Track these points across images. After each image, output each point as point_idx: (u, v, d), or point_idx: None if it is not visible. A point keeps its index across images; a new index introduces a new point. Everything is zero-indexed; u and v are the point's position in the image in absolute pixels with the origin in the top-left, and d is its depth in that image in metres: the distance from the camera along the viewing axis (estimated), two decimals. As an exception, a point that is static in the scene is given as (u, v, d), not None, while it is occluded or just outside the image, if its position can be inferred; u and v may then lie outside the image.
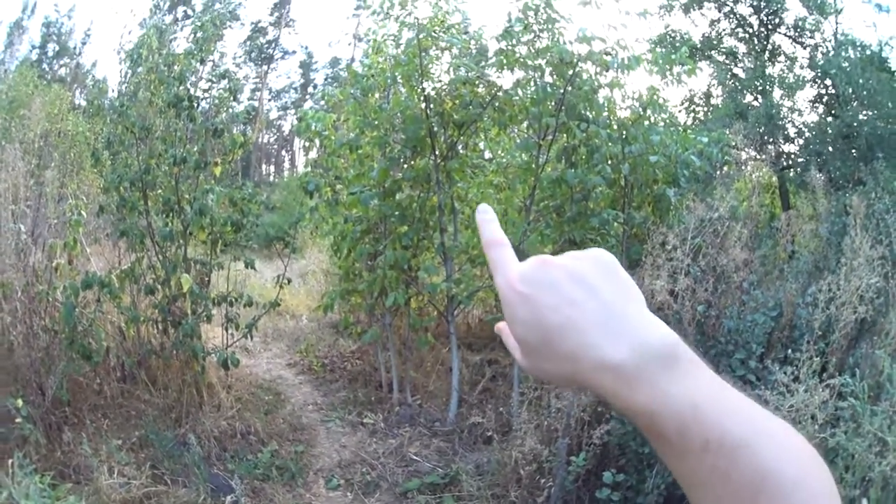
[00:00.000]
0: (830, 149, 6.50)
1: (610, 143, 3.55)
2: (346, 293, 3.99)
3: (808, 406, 2.19)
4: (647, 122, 3.71)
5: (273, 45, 25.89)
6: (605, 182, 3.48)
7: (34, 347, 3.47)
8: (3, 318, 3.72)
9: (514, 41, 3.44)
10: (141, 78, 4.27)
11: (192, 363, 3.66)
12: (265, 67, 25.63)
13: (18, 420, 2.85)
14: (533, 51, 3.47)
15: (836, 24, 7.43)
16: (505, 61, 3.46)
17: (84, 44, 23.02)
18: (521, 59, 3.47)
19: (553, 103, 3.38)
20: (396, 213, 3.50)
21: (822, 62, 6.93)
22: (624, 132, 3.58)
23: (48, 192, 5.11)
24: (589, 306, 0.37)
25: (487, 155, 4.42)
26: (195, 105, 3.80)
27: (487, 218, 0.44)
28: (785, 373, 2.27)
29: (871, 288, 2.74)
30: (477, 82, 3.47)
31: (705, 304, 3.26)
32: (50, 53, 21.36)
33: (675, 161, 3.78)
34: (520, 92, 3.54)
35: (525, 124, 3.68)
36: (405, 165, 3.53)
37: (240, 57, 24.93)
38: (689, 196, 3.76)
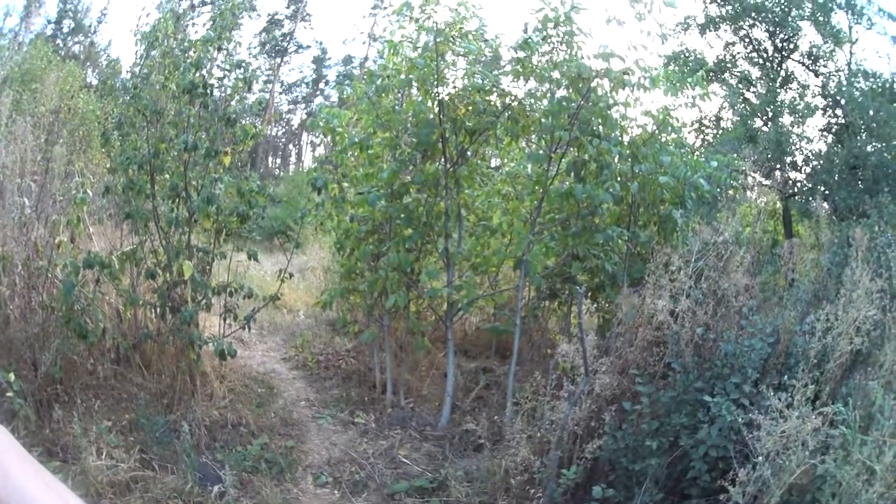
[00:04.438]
0: (836, 178, 6.51)
1: (620, 161, 3.56)
2: (346, 292, 3.99)
3: (799, 433, 2.20)
4: (658, 143, 3.72)
5: (288, 38, 25.84)
6: (612, 199, 3.48)
7: (30, 323, 3.46)
8: (2, 291, 3.72)
9: (531, 52, 3.45)
10: (155, 61, 4.26)
11: (188, 350, 3.65)
12: (278, 60, 25.59)
13: (10, 394, 2.85)
14: (550, 63, 3.48)
15: (851, 53, 7.46)
16: (521, 70, 3.47)
17: (100, 22, 22.98)
18: (538, 70, 3.48)
19: (566, 117, 3.39)
20: (402, 215, 3.50)
21: (833, 90, 6.96)
22: (635, 150, 3.59)
23: (55, 168, 5.10)
24: None
25: (494, 163, 4.43)
26: (210, 92, 3.79)
27: None
28: (779, 399, 2.28)
29: (868, 320, 2.74)
30: (492, 90, 3.48)
31: (704, 327, 3.27)
32: (65, 30, 21.31)
33: (684, 183, 3.79)
34: (533, 103, 3.54)
35: (536, 136, 3.68)
36: (414, 169, 3.53)
37: (254, 48, 24.92)
38: (695, 219, 3.77)
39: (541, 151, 3.53)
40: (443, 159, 3.46)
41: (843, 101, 6.80)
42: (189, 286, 3.66)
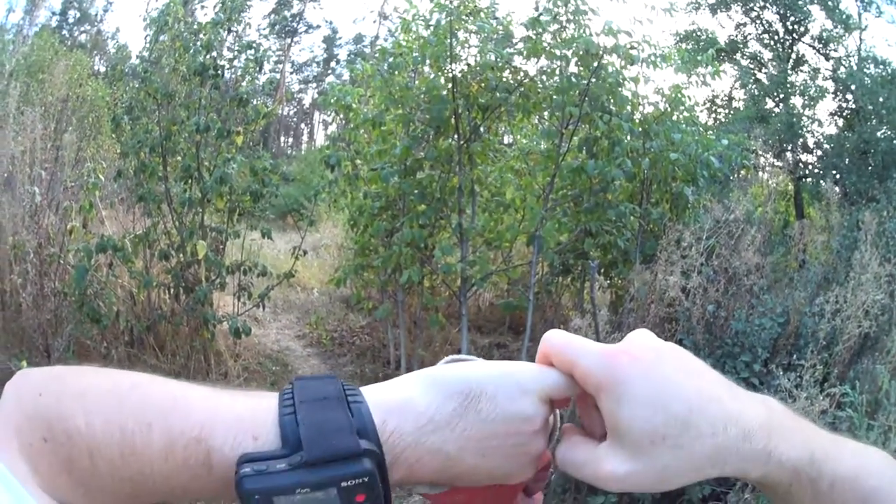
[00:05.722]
0: (847, 162, 6.50)
1: (631, 138, 3.56)
2: (360, 268, 4.02)
3: (808, 413, 2.21)
4: (669, 121, 3.72)
5: (297, 18, 25.76)
6: (624, 175, 3.48)
7: (43, 309, 3.49)
8: (14, 279, 3.76)
9: (541, 29, 3.45)
10: (165, 45, 4.27)
11: (202, 330, 3.68)
12: (289, 40, 25.52)
13: (21, 381, 2.87)
14: (559, 40, 3.48)
15: (860, 39, 7.42)
16: (532, 49, 3.47)
17: (106, 11, 22.99)
18: (547, 48, 3.49)
19: (577, 93, 3.39)
20: (416, 191, 3.52)
21: (844, 75, 6.93)
22: (646, 128, 3.59)
23: (65, 155, 5.13)
24: (711, 376, 0.35)
25: (507, 139, 4.44)
26: (221, 74, 3.81)
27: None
28: (788, 379, 2.29)
29: (876, 304, 2.76)
30: (504, 67, 3.48)
31: (715, 305, 3.28)
32: (70, 20, 21.35)
33: (696, 161, 3.79)
34: (544, 80, 3.55)
35: (548, 112, 3.69)
36: (428, 145, 3.54)
37: (264, 29, 24.86)
38: (706, 197, 3.77)
39: (553, 128, 3.52)
40: (456, 135, 3.47)
41: (853, 87, 6.77)
42: (203, 266, 3.69)
